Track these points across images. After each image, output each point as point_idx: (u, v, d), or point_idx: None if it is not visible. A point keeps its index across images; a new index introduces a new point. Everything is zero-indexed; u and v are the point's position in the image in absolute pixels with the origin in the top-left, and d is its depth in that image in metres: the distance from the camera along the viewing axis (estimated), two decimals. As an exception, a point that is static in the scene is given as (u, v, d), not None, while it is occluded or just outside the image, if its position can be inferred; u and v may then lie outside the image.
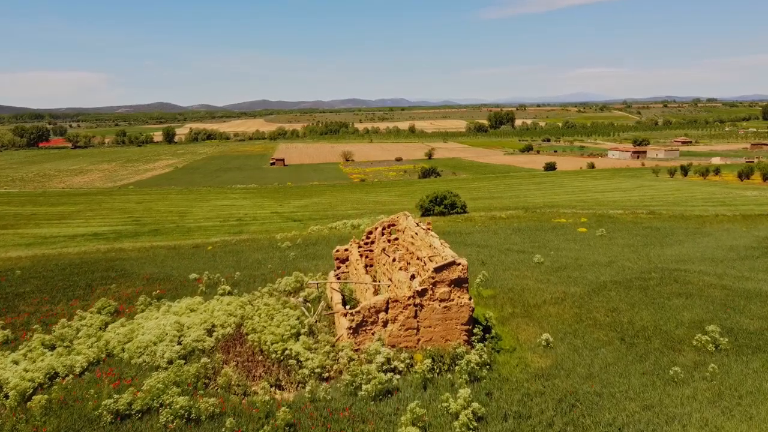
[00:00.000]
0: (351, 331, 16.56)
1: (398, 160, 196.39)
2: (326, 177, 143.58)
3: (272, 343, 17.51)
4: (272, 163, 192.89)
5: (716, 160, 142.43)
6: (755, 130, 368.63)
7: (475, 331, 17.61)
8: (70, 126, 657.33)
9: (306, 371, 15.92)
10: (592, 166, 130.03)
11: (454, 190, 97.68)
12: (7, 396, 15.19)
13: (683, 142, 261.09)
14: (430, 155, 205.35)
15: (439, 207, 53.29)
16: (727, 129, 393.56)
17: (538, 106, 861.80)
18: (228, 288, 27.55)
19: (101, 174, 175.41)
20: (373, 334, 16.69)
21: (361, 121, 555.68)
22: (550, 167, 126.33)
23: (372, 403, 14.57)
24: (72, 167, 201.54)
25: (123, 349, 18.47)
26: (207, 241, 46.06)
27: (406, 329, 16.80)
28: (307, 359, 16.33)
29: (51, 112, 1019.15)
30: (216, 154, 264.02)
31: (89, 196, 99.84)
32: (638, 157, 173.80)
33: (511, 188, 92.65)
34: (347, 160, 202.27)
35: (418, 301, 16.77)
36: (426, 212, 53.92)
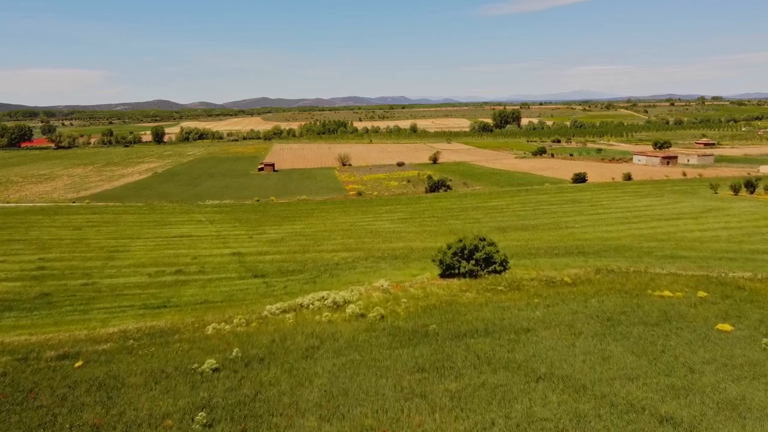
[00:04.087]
0: None
1: (400, 165, 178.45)
2: (318, 187, 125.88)
3: None
4: (260, 169, 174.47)
5: (766, 169, 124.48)
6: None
7: None
8: (63, 124, 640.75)
9: None
10: (628, 177, 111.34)
11: (471, 210, 79.90)
12: None
13: (706, 144, 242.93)
14: (434, 159, 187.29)
15: (468, 263, 35.38)
16: (743, 129, 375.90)
17: (541, 104, 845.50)
18: None
19: (69, 181, 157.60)
20: None
21: (360, 120, 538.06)
22: (580, 179, 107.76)
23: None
24: (42, 172, 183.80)
25: None
26: (100, 332, 28.23)
27: None
28: None
29: (50, 109, 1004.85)
30: (204, 155, 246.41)
31: (26, 216, 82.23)
32: (668, 164, 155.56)
33: (543, 209, 74.90)
34: (344, 164, 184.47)
35: None
36: (448, 270, 36.16)
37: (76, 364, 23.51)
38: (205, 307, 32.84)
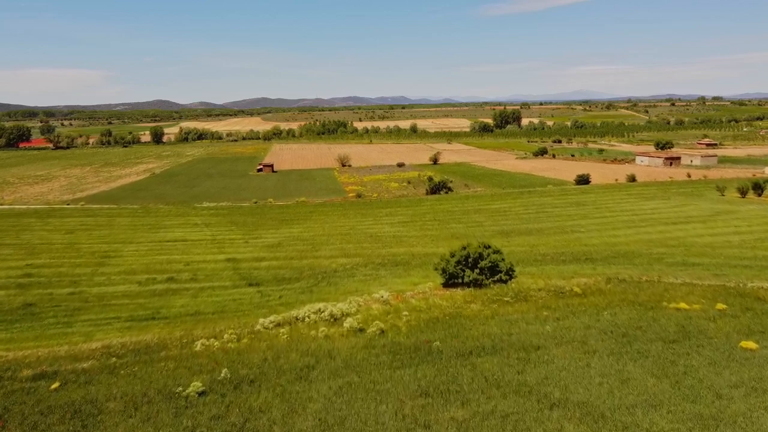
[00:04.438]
0: None
1: (400, 165, 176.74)
2: (317, 188, 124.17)
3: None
4: (259, 170, 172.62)
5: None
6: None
7: None
8: (62, 124, 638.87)
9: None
10: (632, 178, 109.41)
11: (473, 213, 78.19)
12: None
13: (708, 145, 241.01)
14: (435, 160, 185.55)
15: (472, 272, 33.69)
16: (745, 129, 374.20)
17: (541, 104, 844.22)
18: None
19: (66, 182, 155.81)
20: None
21: (360, 120, 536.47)
22: (583, 180, 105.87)
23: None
24: (39, 172, 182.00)
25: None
26: (82, 347, 26.62)
27: None
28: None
29: (49, 109, 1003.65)
30: (203, 156, 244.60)
31: (18, 219, 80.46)
32: (671, 164, 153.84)
33: (547, 212, 73.14)
34: (344, 165, 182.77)
35: None
36: (451, 279, 34.52)
37: (52, 386, 21.81)
38: (196, 319, 31.16)
